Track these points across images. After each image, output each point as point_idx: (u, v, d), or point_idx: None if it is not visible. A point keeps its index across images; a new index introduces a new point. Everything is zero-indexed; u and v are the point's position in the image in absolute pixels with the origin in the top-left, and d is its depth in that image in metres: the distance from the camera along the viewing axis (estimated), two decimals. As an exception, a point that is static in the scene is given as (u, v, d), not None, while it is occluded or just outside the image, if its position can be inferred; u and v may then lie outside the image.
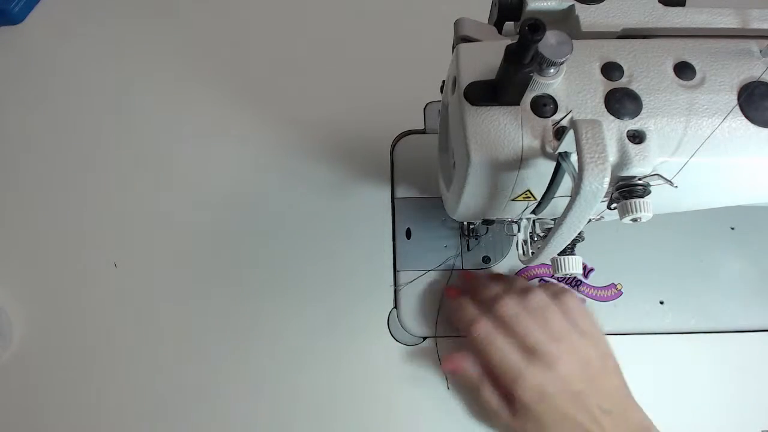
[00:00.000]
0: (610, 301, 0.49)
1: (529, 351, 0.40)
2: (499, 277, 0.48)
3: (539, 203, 0.34)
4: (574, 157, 0.28)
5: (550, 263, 0.36)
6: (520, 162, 0.30)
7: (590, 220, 0.30)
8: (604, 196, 0.26)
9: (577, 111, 0.30)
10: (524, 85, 0.29)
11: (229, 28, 0.61)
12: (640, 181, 0.29)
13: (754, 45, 0.31)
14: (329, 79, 0.58)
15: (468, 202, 0.35)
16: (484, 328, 0.42)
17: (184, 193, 0.54)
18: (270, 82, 0.58)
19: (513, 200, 0.34)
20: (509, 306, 0.42)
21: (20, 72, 0.59)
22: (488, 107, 0.30)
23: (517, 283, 0.45)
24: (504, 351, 0.41)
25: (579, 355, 0.41)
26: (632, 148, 0.29)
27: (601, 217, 0.34)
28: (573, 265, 0.35)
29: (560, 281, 0.49)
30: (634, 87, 0.30)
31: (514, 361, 0.40)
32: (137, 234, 0.52)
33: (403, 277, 0.50)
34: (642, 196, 0.28)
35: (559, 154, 0.28)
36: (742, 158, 0.30)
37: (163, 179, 0.54)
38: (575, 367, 0.40)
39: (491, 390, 0.42)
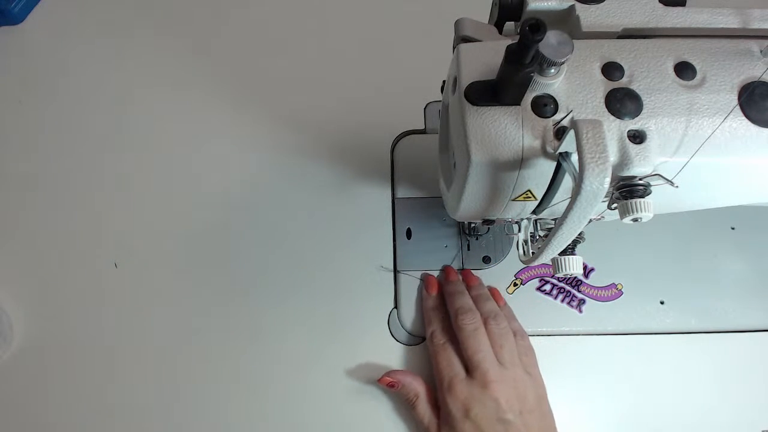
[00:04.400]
0: (610, 301, 0.49)
1: (473, 367, 0.42)
2: (474, 286, 0.48)
3: (540, 203, 0.34)
4: (574, 157, 0.28)
5: (550, 263, 0.36)
6: (520, 162, 0.30)
7: (591, 220, 0.30)
8: (605, 196, 0.26)
9: (578, 111, 0.30)
10: (525, 85, 0.29)
11: (229, 28, 0.61)
12: (640, 181, 0.29)
13: (754, 45, 0.31)
14: (329, 80, 0.58)
15: (468, 202, 0.35)
16: (442, 338, 0.44)
17: (184, 194, 0.54)
18: (270, 83, 0.58)
19: (513, 200, 0.34)
20: (472, 321, 0.44)
21: (20, 72, 0.59)
22: (489, 107, 0.30)
23: (488, 304, 0.46)
24: (450, 360, 0.43)
25: (517, 388, 0.41)
26: (633, 148, 0.29)
27: (602, 217, 0.34)
28: (573, 265, 0.35)
29: (560, 281, 0.49)
30: (634, 87, 0.30)
31: (455, 372, 0.42)
32: (137, 234, 0.52)
33: (404, 278, 0.50)
34: (642, 196, 0.28)
35: (560, 154, 0.28)
36: (743, 158, 0.30)
37: (163, 179, 0.54)
38: (510, 396, 0.41)
39: (425, 406, 0.43)
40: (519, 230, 0.41)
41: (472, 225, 0.50)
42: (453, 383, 0.41)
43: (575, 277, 0.49)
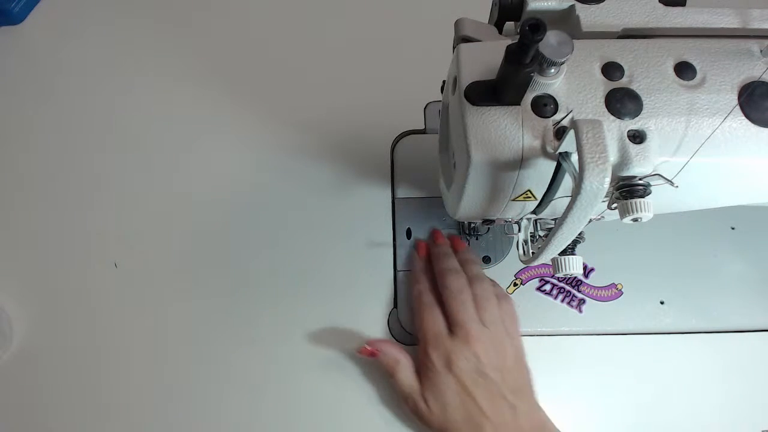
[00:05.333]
0: (610, 301, 0.49)
1: (456, 324, 0.43)
2: (461, 251, 0.49)
3: (540, 203, 0.34)
4: (574, 157, 0.28)
5: (550, 263, 0.36)
6: (520, 162, 0.30)
7: (591, 220, 0.30)
8: (605, 196, 0.26)
9: (578, 111, 0.30)
10: (525, 85, 0.29)
11: (229, 28, 0.61)
12: (640, 181, 0.29)
13: (754, 45, 0.31)
14: (329, 79, 0.58)
15: (468, 202, 0.35)
16: (428, 297, 0.45)
17: (184, 193, 0.54)
18: (270, 83, 0.58)
19: (513, 200, 0.34)
20: (457, 281, 0.45)
21: (20, 72, 0.59)
22: (489, 107, 0.30)
23: (474, 268, 0.47)
24: (435, 317, 0.44)
25: (498, 347, 0.43)
26: (633, 148, 0.29)
27: (602, 217, 0.34)
28: (573, 265, 0.35)
29: (561, 281, 0.49)
30: (634, 87, 0.30)
31: (438, 328, 0.43)
32: (137, 234, 0.52)
33: (404, 278, 0.50)
34: (642, 196, 0.28)
35: (560, 154, 0.28)
36: (743, 158, 0.30)
37: (163, 179, 0.54)
38: (491, 353, 0.42)
39: (406, 373, 0.43)
40: (519, 230, 0.41)
41: (472, 225, 0.50)
42: (437, 337, 0.43)
43: (575, 277, 0.49)
